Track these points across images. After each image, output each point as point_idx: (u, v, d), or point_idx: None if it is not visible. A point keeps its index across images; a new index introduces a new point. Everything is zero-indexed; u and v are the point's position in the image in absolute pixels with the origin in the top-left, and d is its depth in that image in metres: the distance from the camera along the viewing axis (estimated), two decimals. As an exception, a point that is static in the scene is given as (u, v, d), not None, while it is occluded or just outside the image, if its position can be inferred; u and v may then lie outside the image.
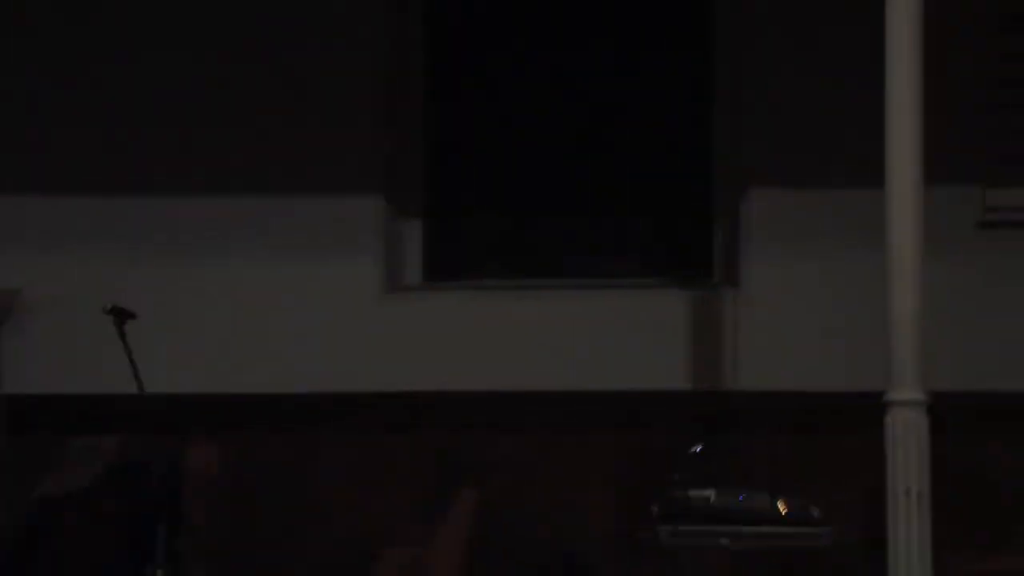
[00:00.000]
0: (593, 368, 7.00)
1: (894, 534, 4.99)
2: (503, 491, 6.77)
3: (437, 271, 7.38)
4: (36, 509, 6.42)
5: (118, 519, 6.34)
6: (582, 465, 6.92)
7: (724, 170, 7.23)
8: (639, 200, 7.31)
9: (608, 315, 7.08)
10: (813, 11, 6.99)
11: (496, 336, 7.09)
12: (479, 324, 7.12)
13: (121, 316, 5.80)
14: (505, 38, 7.41)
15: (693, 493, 5.09)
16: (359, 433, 6.99)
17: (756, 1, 7.06)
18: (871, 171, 5.48)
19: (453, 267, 7.38)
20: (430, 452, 6.93)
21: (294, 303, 7.05)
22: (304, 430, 6.99)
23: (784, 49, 7.03)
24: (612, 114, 7.33)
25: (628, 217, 7.31)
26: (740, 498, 5.27)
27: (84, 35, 7.06)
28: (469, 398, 6.98)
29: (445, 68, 7.41)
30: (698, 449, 5.41)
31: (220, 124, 7.06)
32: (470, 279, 7.32)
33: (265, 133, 7.06)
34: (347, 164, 7.10)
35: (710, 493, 5.26)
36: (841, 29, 6.90)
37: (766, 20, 7.04)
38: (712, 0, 7.29)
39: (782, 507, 5.29)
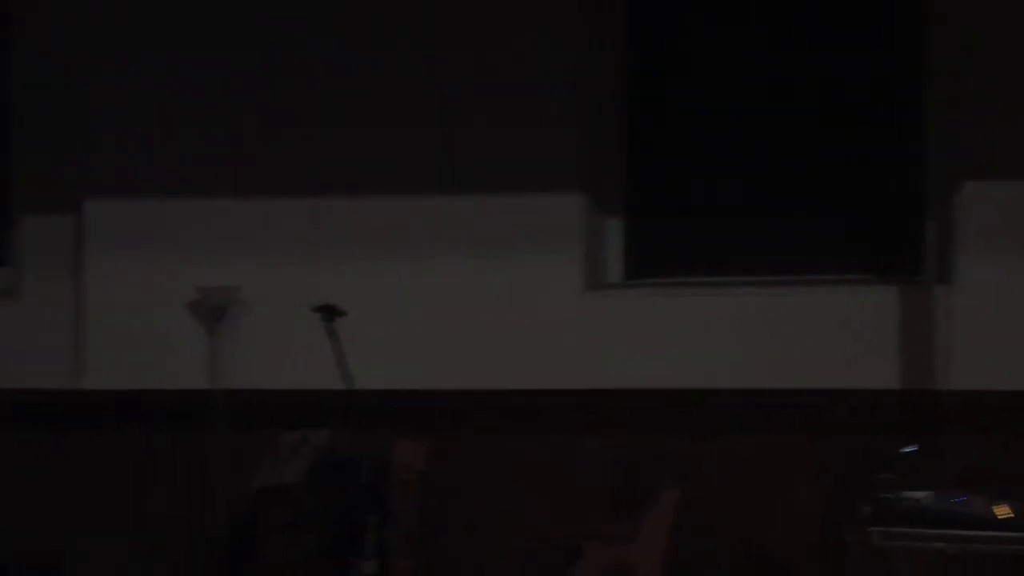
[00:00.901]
0: (799, 366, 6.85)
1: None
2: (705, 490, 6.70)
3: (638, 269, 7.35)
4: (252, 500, 6.64)
5: (329, 511, 6.51)
6: (786, 465, 6.79)
7: (937, 163, 6.98)
8: (847, 195, 7.12)
9: (815, 312, 6.92)
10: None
11: (698, 334, 7.00)
12: (680, 322, 7.04)
13: (330, 313, 5.93)
14: (707, 34, 7.31)
15: (906, 495, 4.91)
16: (560, 431, 7.01)
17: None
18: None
19: (655, 265, 7.32)
20: (630, 450, 6.90)
21: (496, 301, 7.10)
22: (506, 427, 7.04)
23: (999, 38, 6.76)
24: (819, 106, 7.15)
25: (835, 213, 7.13)
26: (957, 501, 5.08)
27: (293, 49, 7.27)
28: (670, 396, 6.93)
29: (646, 65, 7.35)
30: (911, 450, 5.23)
31: (423, 125, 7.15)
32: (672, 277, 7.27)
33: (466, 132, 7.13)
34: (548, 162, 7.11)
35: (925, 495, 5.08)
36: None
37: (980, 7, 6.78)
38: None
39: (1001, 512, 5.07)
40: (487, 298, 7.11)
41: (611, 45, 7.29)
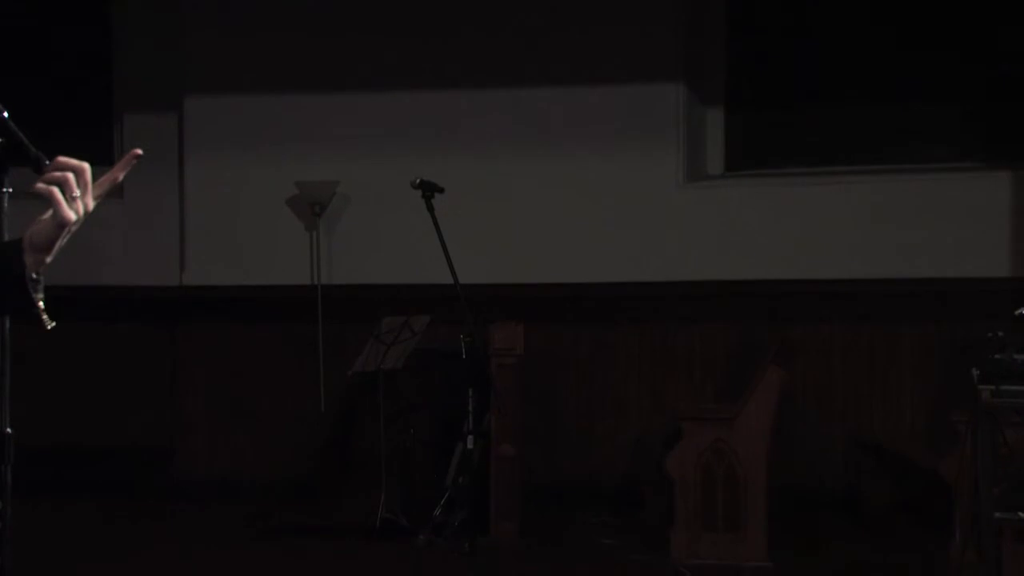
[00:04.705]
0: (908, 255, 6.71)
1: None
2: (808, 375, 6.60)
3: (740, 160, 7.22)
4: (356, 385, 6.68)
5: (430, 394, 6.53)
6: (895, 351, 6.66)
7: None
8: (958, 82, 6.90)
9: (924, 201, 6.76)
10: None
11: (799, 224, 6.87)
12: (781, 212, 6.92)
13: (429, 189, 5.88)
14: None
15: (1018, 356, 4.75)
16: (660, 321, 6.93)
17: None
18: None
19: (756, 155, 7.18)
20: (732, 338, 6.81)
21: (597, 192, 7.02)
22: (606, 317, 6.99)
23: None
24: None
25: (945, 100, 6.92)
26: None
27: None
28: (772, 285, 6.82)
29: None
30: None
31: (523, 17, 7.09)
32: (774, 168, 7.13)
33: (567, 24, 7.05)
34: (649, 54, 7.00)
35: (1036, 355, 4.89)
36: None
37: None
38: None
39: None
40: (588, 188, 7.03)
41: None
